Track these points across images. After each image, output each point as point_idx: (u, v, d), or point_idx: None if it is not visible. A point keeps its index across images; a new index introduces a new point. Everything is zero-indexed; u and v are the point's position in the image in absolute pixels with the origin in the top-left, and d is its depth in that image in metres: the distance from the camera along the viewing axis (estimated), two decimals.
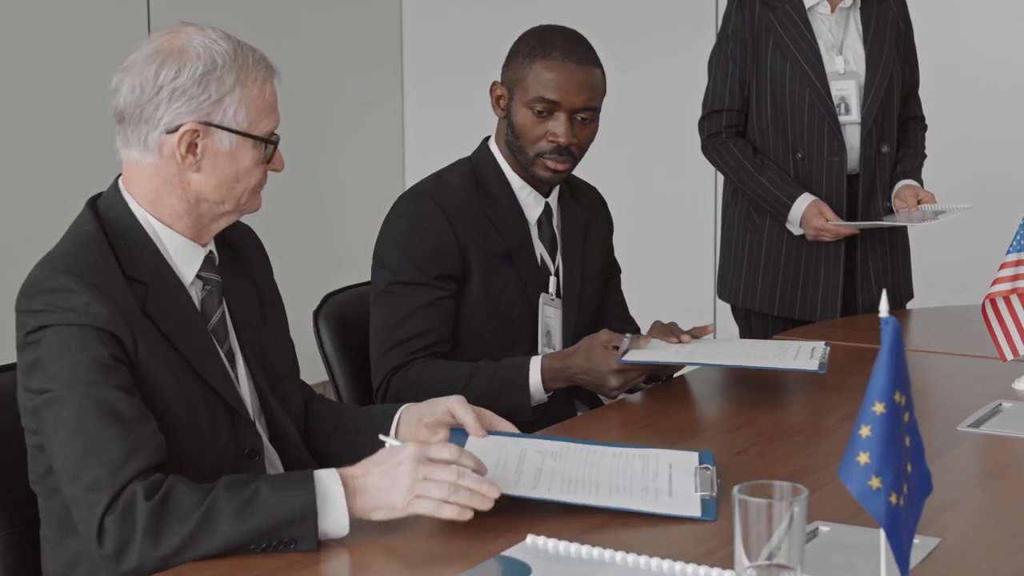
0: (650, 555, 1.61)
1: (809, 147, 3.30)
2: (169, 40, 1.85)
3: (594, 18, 5.44)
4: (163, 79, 1.82)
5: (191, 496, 1.66)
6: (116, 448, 1.69)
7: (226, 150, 1.85)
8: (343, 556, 1.68)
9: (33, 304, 1.77)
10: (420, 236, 2.49)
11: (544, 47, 2.50)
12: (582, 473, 1.89)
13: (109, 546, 1.65)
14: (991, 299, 2.50)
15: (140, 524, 1.64)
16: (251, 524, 1.65)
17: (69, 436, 1.71)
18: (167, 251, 1.88)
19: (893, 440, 1.35)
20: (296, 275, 5.14)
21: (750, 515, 1.43)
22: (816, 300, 3.33)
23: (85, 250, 1.83)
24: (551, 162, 2.52)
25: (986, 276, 2.64)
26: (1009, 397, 2.42)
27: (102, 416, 1.70)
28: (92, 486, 1.68)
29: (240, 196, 1.89)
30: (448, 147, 2.67)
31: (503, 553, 1.65)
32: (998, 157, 4.76)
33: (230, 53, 1.84)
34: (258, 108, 1.86)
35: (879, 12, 3.36)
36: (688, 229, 5.38)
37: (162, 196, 1.87)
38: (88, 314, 1.75)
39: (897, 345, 1.35)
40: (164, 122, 1.82)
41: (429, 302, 2.47)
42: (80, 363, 1.72)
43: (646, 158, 5.39)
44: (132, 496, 1.66)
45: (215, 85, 1.82)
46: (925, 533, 1.68)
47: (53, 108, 4.60)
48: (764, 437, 2.20)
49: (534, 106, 2.49)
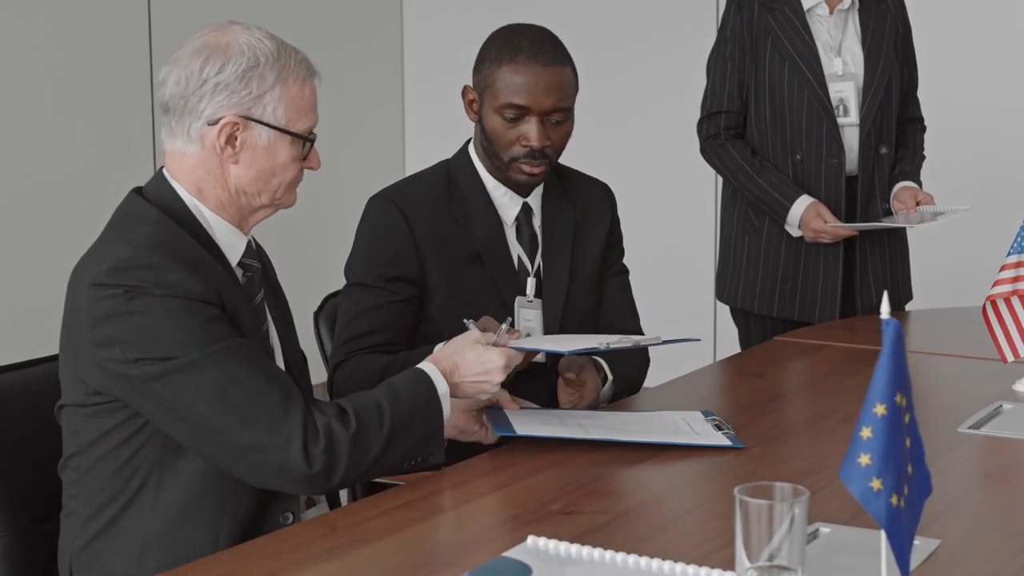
0: (651, 556, 1.61)
1: (808, 149, 3.30)
2: (216, 37, 1.92)
3: (594, 19, 5.45)
4: (207, 73, 1.89)
5: (374, 419, 1.86)
6: (273, 390, 1.81)
7: (264, 145, 1.92)
8: (343, 556, 1.68)
9: (124, 279, 1.80)
10: (378, 239, 2.50)
11: (510, 50, 2.46)
12: (618, 424, 2.17)
13: (319, 461, 1.80)
14: (991, 300, 2.51)
15: (344, 452, 1.82)
16: (412, 441, 1.91)
17: (222, 394, 1.78)
18: (215, 235, 1.95)
19: (894, 442, 1.35)
20: (297, 276, 5.15)
21: (751, 516, 1.43)
22: (815, 302, 3.33)
23: (165, 229, 1.87)
24: (526, 166, 2.48)
25: (985, 278, 2.65)
26: (1009, 399, 2.42)
27: (247, 366, 1.81)
28: (273, 425, 1.79)
29: (276, 190, 1.96)
30: (448, 147, 2.66)
31: (504, 554, 1.65)
32: (997, 158, 4.77)
33: (273, 52, 1.92)
34: (297, 106, 1.94)
35: (878, 14, 3.36)
36: (688, 230, 5.38)
37: (207, 186, 1.94)
38: (185, 289, 1.81)
39: (898, 347, 1.35)
40: (206, 114, 1.89)
41: (379, 304, 2.46)
42: (197, 327, 1.79)
43: (646, 159, 5.39)
44: (329, 427, 1.81)
45: (257, 81, 1.90)
46: (926, 535, 1.68)
47: (53, 108, 4.60)
48: (764, 438, 2.20)
49: (504, 112, 2.46)
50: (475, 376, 2.02)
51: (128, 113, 4.76)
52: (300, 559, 1.66)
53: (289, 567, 1.64)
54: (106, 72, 4.72)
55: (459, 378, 2.01)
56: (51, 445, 1.96)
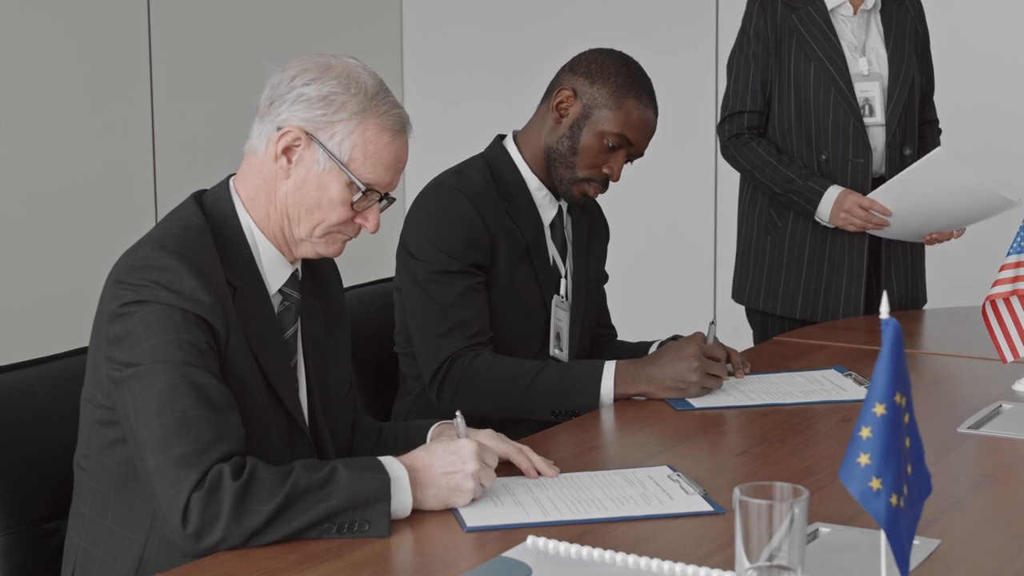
0: (650, 556, 1.61)
1: (834, 148, 3.28)
2: (328, 59, 1.92)
3: (594, 19, 5.45)
4: (297, 82, 1.89)
5: (273, 476, 1.72)
6: (206, 429, 1.73)
7: (318, 171, 1.89)
8: (343, 556, 1.68)
9: (137, 277, 1.80)
10: (451, 226, 2.49)
11: (637, 86, 2.53)
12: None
13: (193, 523, 1.68)
14: (991, 301, 2.51)
15: (227, 503, 1.68)
16: (330, 502, 1.71)
17: (160, 409, 1.74)
18: (259, 258, 1.93)
19: (894, 441, 1.35)
20: None
21: (751, 516, 1.43)
22: (839, 303, 3.30)
23: (196, 238, 1.86)
24: (592, 189, 2.57)
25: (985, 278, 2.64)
26: (1009, 399, 2.42)
27: (195, 396, 1.74)
28: (180, 462, 1.71)
29: (316, 225, 1.91)
30: (449, 146, 2.68)
31: (504, 554, 1.65)
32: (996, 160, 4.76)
33: (370, 89, 1.90)
34: (368, 151, 1.89)
35: (899, 15, 3.35)
36: (688, 230, 5.38)
37: (259, 194, 1.93)
38: (192, 300, 1.79)
39: (898, 346, 1.35)
40: (280, 119, 1.89)
41: (468, 287, 2.48)
42: (177, 342, 1.76)
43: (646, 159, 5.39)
44: (219, 475, 1.70)
45: (337, 106, 1.87)
46: (925, 534, 1.68)
47: (54, 107, 4.59)
48: (764, 438, 2.20)
49: (609, 138, 2.51)
50: (445, 467, 1.82)
51: (129, 113, 4.76)
52: (300, 559, 1.66)
53: (289, 567, 1.64)
54: (106, 72, 4.72)
55: (428, 469, 1.82)
56: (53, 444, 1.96)
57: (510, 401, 2.42)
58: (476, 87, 5.57)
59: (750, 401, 2.41)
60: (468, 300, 2.48)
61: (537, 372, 2.43)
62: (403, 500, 1.77)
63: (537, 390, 2.41)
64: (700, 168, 5.28)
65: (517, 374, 2.43)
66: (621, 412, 2.37)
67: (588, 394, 2.41)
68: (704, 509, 1.81)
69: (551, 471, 1.94)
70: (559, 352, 2.60)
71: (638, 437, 2.25)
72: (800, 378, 2.59)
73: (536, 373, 2.42)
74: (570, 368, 2.45)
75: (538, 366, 2.44)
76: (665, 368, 2.40)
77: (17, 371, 2.05)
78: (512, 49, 5.42)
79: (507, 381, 2.42)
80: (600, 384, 2.41)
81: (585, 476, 1.96)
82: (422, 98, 5.90)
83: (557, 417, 2.39)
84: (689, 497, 1.86)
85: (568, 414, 2.39)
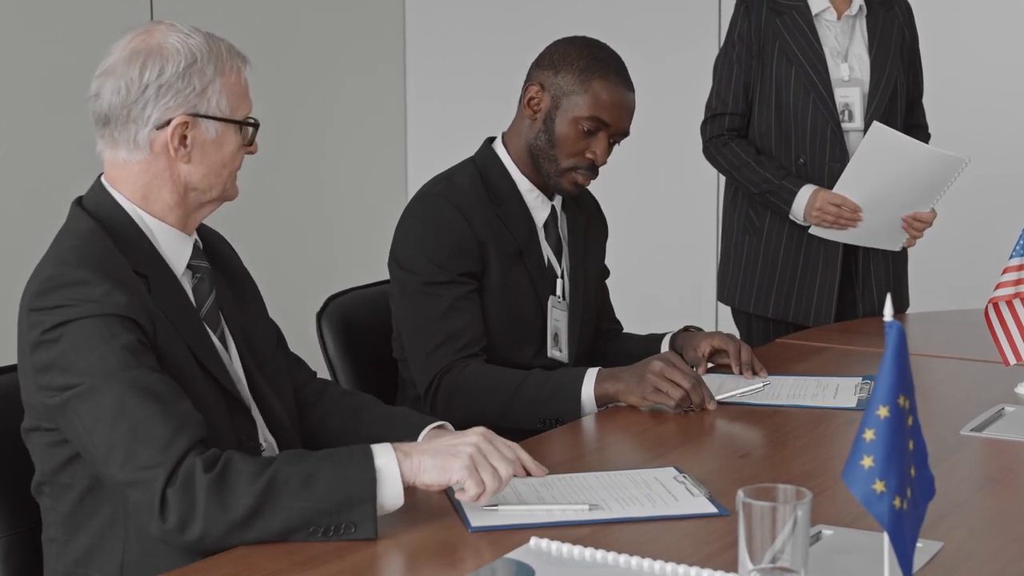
0: (653, 558, 1.61)
1: (811, 152, 3.30)
2: (144, 39, 1.90)
3: (595, 20, 5.45)
4: (148, 77, 1.87)
5: (250, 467, 1.70)
6: (162, 426, 1.71)
7: (213, 138, 1.91)
8: (346, 557, 1.67)
9: (49, 301, 1.78)
10: (440, 235, 2.49)
11: (602, 66, 2.51)
12: (583, 495, 1.88)
13: (172, 519, 1.68)
14: (994, 303, 2.51)
15: (201, 495, 1.67)
16: (312, 501, 1.68)
17: (112, 423, 1.72)
18: (158, 244, 1.92)
19: (897, 444, 1.35)
20: (298, 276, 5.16)
21: (754, 518, 1.43)
22: (811, 305, 3.33)
23: (93, 244, 1.85)
24: (581, 177, 2.55)
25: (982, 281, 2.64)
26: (1012, 401, 2.42)
27: (142, 398, 1.73)
28: (147, 464, 1.70)
29: (226, 181, 1.95)
30: (451, 146, 2.68)
31: (507, 555, 1.65)
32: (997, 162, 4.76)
33: (205, 45, 1.91)
34: (236, 94, 1.93)
35: (885, 20, 3.36)
36: (689, 231, 5.38)
37: (152, 191, 1.91)
38: (109, 303, 1.77)
39: (901, 349, 1.35)
40: (153, 119, 1.87)
41: (458, 298, 2.48)
42: (109, 352, 1.75)
43: (647, 160, 5.39)
44: (191, 468, 1.69)
45: (198, 77, 1.88)
46: (928, 537, 1.68)
47: (56, 108, 4.60)
48: (767, 440, 2.20)
49: (583, 123, 2.50)
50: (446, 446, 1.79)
51: None
52: (302, 560, 1.66)
53: (292, 568, 1.64)
54: None
55: (424, 452, 1.78)
56: None
57: (497, 411, 2.41)
58: (479, 88, 5.56)
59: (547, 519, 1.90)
60: (458, 311, 2.47)
61: (520, 382, 2.42)
62: (391, 494, 1.73)
63: (520, 400, 2.41)
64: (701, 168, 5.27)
65: (503, 384, 2.43)
66: (624, 414, 2.37)
67: (570, 401, 2.40)
68: (708, 511, 1.81)
69: (539, 471, 1.88)
70: (558, 353, 2.60)
71: (642, 438, 2.25)
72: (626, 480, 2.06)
73: (520, 383, 2.42)
74: (552, 377, 2.44)
75: (523, 376, 2.44)
76: (630, 371, 2.38)
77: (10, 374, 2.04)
78: (515, 50, 5.39)
79: (493, 391, 2.42)
80: (581, 390, 2.40)
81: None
82: (424, 99, 5.91)
83: (544, 425, 2.38)
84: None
85: (554, 422, 2.38)
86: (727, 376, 2.56)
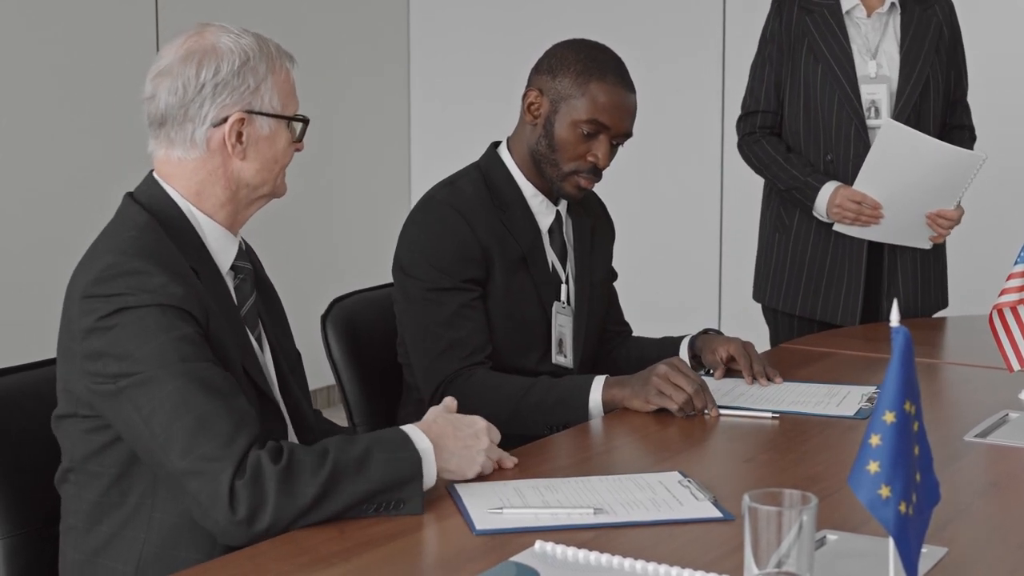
0: (658, 562, 1.61)
1: (838, 149, 3.32)
2: (197, 41, 1.94)
3: (600, 21, 5.46)
4: (204, 76, 1.92)
5: (312, 457, 1.76)
6: (225, 421, 1.75)
7: (266, 135, 1.96)
8: (351, 560, 1.68)
9: (107, 288, 1.80)
10: (444, 241, 2.49)
11: (599, 68, 2.50)
12: (588, 498, 1.88)
13: (242, 511, 1.71)
14: (998, 310, 2.51)
15: (271, 487, 1.72)
16: (368, 484, 1.77)
17: (173, 412, 1.75)
18: (207, 241, 1.96)
19: (903, 449, 1.35)
20: (303, 279, 5.16)
21: (760, 522, 1.43)
22: (838, 303, 3.34)
23: (151, 235, 1.88)
24: (584, 181, 2.54)
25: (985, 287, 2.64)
26: (1016, 407, 2.42)
27: (204, 391, 1.77)
28: (210, 456, 1.73)
29: (276, 178, 2.00)
30: (455, 148, 2.68)
31: (512, 559, 1.65)
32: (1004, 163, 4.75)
33: (256, 45, 1.96)
34: (286, 92, 1.99)
35: (921, 18, 3.36)
36: (693, 230, 5.39)
37: (206, 187, 1.96)
38: (167, 294, 1.80)
39: (908, 354, 1.36)
40: (210, 117, 1.92)
41: (462, 304, 2.48)
42: (168, 342, 1.78)
43: (651, 160, 5.40)
44: (258, 461, 1.73)
45: (251, 75, 1.94)
46: (933, 542, 1.68)
47: (60, 107, 4.61)
48: (772, 445, 2.20)
49: (583, 126, 2.49)
50: (465, 437, 1.93)
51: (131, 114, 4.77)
52: (308, 563, 1.66)
53: (297, 571, 1.65)
54: (113, 71, 4.73)
55: (445, 439, 1.90)
56: (55, 447, 1.96)
57: (504, 418, 2.41)
58: (483, 89, 5.57)
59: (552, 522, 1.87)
60: (463, 319, 2.47)
61: (527, 389, 2.42)
62: (431, 473, 1.84)
63: (527, 407, 2.41)
64: (705, 169, 5.28)
65: (509, 392, 2.43)
66: (629, 417, 2.37)
67: (578, 409, 2.40)
68: (713, 515, 1.81)
69: (508, 462, 2.00)
70: (562, 359, 2.60)
71: (647, 442, 2.25)
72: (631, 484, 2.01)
73: (527, 390, 2.42)
74: (559, 384, 2.44)
75: (529, 383, 2.44)
76: (636, 376, 2.39)
77: (21, 373, 2.06)
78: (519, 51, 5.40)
79: (500, 399, 2.41)
80: (588, 397, 2.40)
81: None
82: (428, 100, 5.91)
83: (551, 432, 2.38)
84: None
85: (561, 428, 2.38)
86: (742, 384, 2.57)
